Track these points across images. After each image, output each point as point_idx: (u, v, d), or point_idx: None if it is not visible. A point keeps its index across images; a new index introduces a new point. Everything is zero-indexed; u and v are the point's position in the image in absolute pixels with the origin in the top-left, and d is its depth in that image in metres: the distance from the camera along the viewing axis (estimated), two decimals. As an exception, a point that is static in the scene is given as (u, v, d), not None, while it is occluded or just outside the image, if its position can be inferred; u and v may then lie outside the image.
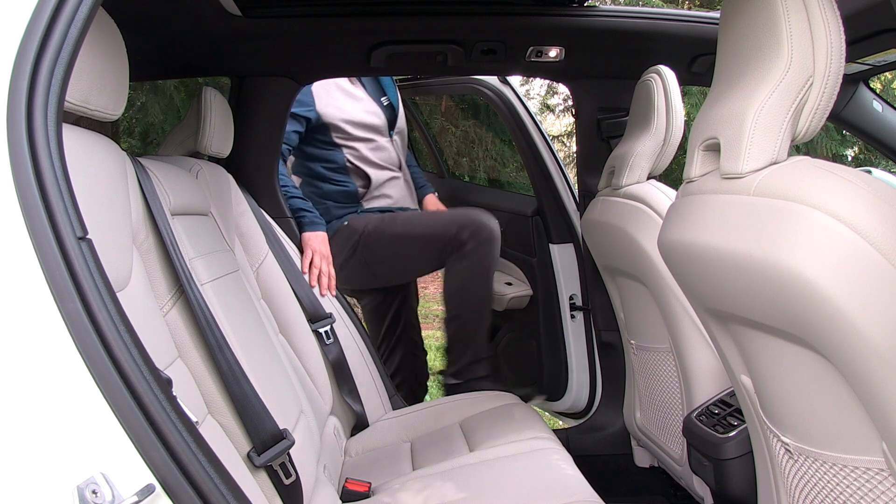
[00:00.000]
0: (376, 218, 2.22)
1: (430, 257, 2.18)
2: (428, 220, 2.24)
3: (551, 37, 1.93)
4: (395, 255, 2.19)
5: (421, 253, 2.18)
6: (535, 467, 1.43)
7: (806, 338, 0.86)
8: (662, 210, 1.50)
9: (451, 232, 2.11)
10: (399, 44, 1.92)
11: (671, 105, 1.63)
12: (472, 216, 2.16)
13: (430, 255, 2.17)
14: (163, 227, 1.11)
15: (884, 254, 0.76)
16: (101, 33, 0.94)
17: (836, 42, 0.87)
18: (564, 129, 7.51)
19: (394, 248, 2.18)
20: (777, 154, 0.91)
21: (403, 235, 2.17)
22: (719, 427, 1.40)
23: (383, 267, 2.23)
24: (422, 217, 2.31)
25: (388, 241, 2.17)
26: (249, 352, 1.25)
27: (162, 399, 0.69)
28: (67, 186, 0.70)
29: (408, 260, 2.21)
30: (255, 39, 1.86)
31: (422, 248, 2.17)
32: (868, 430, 0.85)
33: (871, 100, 1.89)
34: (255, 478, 1.13)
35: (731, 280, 0.96)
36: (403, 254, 2.19)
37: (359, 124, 2.25)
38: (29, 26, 0.72)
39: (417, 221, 2.24)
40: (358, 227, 2.19)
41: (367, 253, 2.18)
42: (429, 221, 2.23)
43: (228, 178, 1.77)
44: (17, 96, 0.70)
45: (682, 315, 1.51)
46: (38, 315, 0.66)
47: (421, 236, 2.16)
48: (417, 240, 2.16)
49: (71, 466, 0.64)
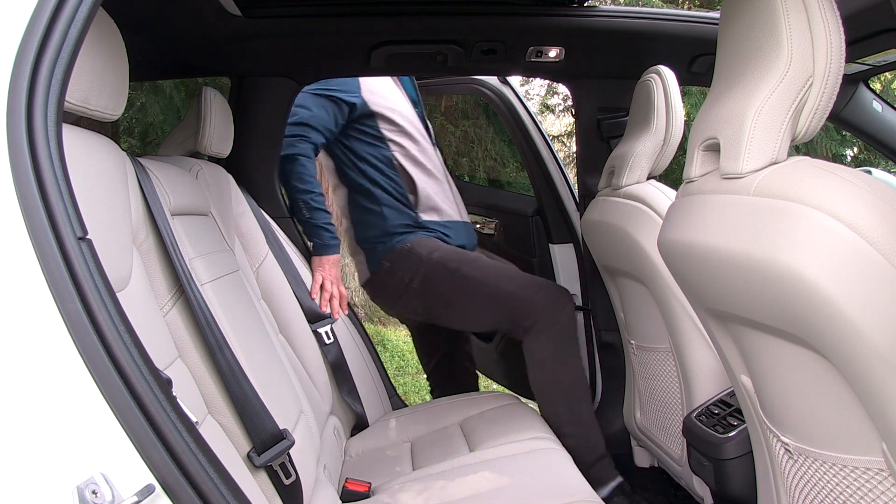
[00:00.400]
0: (446, 249, 1.96)
1: (495, 314, 1.89)
2: (508, 274, 1.95)
3: (551, 37, 1.93)
4: (457, 298, 1.92)
5: (487, 306, 1.89)
6: (534, 467, 1.43)
7: (806, 338, 0.86)
8: (662, 210, 1.50)
9: (530, 293, 1.84)
10: (399, 44, 1.92)
11: (671, 105, 1.63)
12: (557, 286, 1.95)
13: (497, 312, 1.88)
14: (163, 227, 1.11)
15: (884, 254, 0.76)
16: (101, 33, 0.94)
17: (836, 42, 0.87)
18: (564, 129, 7.51)
19: (458, 291, 1.90)
20: (777, 154, 0.91)
21: (474, 280, 1.88)
22: (719, 427, 1.40)
23: (438, 305, 1.97)
24: (501, 268, 2.00)
25: (454, 280, 1.89)
26: (249, 352, 1.25)
27: (162, 399, 0.69)
28: (67, 187, 0.70)
29: (469, 308, 1.92)
30: (254, 39, 1.86)
31: (490, 300, 1.88)
32: (868, 431, 0.85)
33: (870, 100, 1.90)
34: (255, 478, 1.13)
35: (731, 280, 0.96)
36: (467, 301, 1.90)
37: (407, 118, 2.05)
38: (29, 26, 0.72)
39: (495, 271, 1.94)
40: (422, 254, 1.93)
41: (425, 284, 1.93)
42: (510, 275, 1.94)
43: (228, 178, 1.77)
44: (17, 96, 0.70)
45: (682, 315, 1.51)
46: (38, 315, 0.66)
47: (495, 288, 1.87)
48: (489, 290, 1.87)
49: (71, 467, 0.64)
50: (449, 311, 1.96)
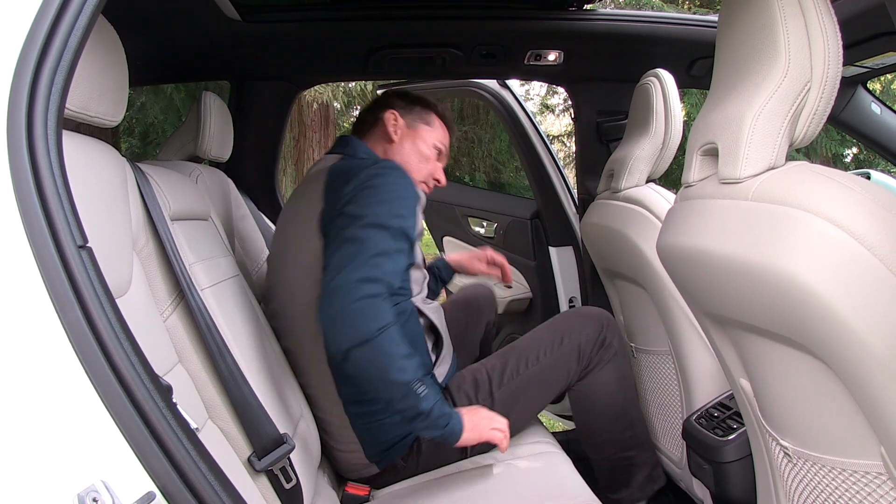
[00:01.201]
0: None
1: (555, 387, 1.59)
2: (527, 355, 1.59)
3: (550, 40, 1.94)
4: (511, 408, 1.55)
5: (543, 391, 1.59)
6: (534, 470, 1.44)
7: (804, 342, 0.87)
8: (661, 214, 1.50)
9: (565, 351, 1.56)
10: (398, 48, 1.92)
11: (670, 108, 1.64)
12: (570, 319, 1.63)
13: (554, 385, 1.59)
14: (163, 232, 1.11)
15: (881, 259, 0.76)
16: (101, 39, 0.95)
17: (834, 47, 0.87)
18: (564, 130, 7.52)
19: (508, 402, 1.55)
20: (775, 159, 0.91)
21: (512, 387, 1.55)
22: (719, 430, 1.41)
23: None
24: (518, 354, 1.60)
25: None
26: (249, 356, 1.25)
27: (162, 406, 0.69)
28: (67, 195, 0.70)
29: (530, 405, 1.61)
30: (253, 44, 1.86)
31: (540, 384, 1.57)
32: (866, 434, 0.86)
33: (869, 102, 1.90)
34: (255, 482, 1.13)
35: (729, 285, 0.96)
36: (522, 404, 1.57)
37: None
38: (29, 34, 0.72)
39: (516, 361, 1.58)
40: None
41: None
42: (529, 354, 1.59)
43: (228, 183, 1.78)
44: (17, 104, 0.70)
45: (682, 318, 1.52)
46: (38, 323, 0.66)
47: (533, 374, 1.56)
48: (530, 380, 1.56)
49: (72, 474, 0.64)
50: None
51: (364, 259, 1.22)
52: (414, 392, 1.20)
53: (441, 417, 1.24)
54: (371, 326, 1.17)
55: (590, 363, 1.56)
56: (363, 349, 1.17)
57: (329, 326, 1.20)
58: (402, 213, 1.32)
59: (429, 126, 1.62)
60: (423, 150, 1.59)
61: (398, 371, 1.19)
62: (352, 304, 1.18)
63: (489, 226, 2.74)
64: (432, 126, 1.63)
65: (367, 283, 1.20)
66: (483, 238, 2.77)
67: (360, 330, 1.17)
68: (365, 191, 1.33)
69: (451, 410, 1.27)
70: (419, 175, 1.57)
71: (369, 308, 1.19)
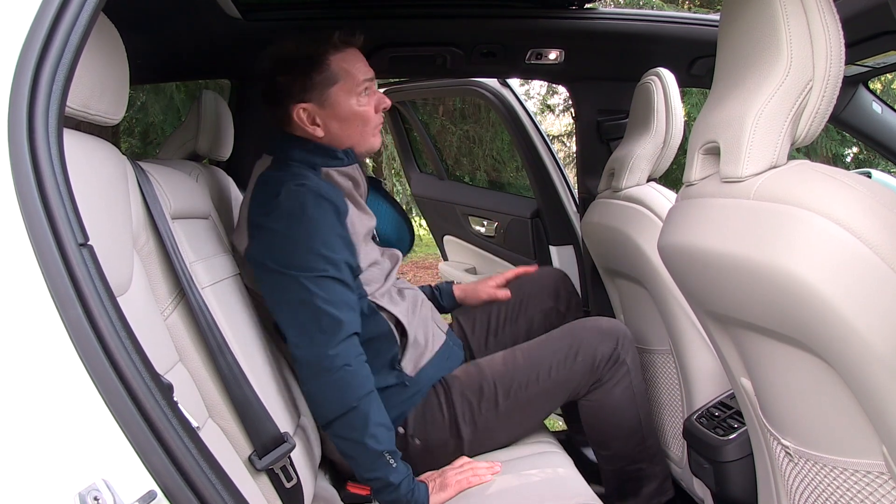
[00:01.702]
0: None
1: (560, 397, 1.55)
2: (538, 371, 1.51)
3: (551, 39, 1.93)
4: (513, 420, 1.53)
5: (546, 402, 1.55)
6: (534, 469, 1.43)
7: (806, 341, 0.87)
8: (662, 213, 1.50)
9: (574, 367, 1.50)
10: (398, 47, 1.92)
11: (671, 107, 1.64)
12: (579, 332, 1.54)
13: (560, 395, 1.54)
14: (163, 230, 1.11)
15: (883, 257, 0.76)
16: (102, 38, 0.94)
17: (836, 45, 0.87)
18: (564, 129, 7.52)
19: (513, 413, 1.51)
20: (777, 158, 0.91)
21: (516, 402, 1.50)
22: (719, 429, 1.40)
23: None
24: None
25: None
26: (250, 355, 1.25)
27: (163, 404, 0.69)
28: (68, 193, 0.70)
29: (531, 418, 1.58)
30: (255, 42, 1.86)
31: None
32: (868, 434, 0.86)
33: (870, 101, 1.90)
34: (256, 481, 1.13)
35: (730, 284, 0.96)
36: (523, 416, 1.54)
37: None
38: (30, 33, 0.72)
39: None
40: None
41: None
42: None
43: (229, 181, 1.78)
44: (18, 103, 0.70)
45: (682, 317, 1.51)
46: (39, 322, 0.66)
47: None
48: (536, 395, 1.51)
49: (73, 473, 0.64)
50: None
51: (322, 322, 1.23)
52: (386, 462, 1.24)
53: (409, 492, 1.26)
54: (351, 396, 1.23)
55: (601, 378, 1.52)
56: (345, 417, 1.23)
57: (311, 401, 1.28)
58: (327, 243, 1.27)
59: (337, 80, 1.36)
60: (355, 110, 1.38)
61: (370, 438, 1.22)
62: (331, 376, 1.22)
63: (490, 225, 2.73)
64: (340, 77, 1.36)
65: (338, 352, 1.22)
66: (483, 237, 2.77)
67: (345, 400, 1.23)
68: (284, 221, 1.28)
69: (417, 485, 1.29)
70: (369, 132, 1.42)
71: (350, 377, 1.23)
